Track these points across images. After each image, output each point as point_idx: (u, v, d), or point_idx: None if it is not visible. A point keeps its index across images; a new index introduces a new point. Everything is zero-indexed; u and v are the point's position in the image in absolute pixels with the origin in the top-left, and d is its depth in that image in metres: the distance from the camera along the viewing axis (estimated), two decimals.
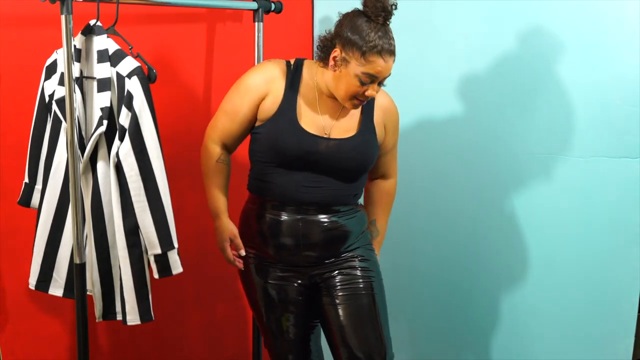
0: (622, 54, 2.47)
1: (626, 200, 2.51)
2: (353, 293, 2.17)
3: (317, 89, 2.15)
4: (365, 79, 2.02)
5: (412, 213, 2.91)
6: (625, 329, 2.57)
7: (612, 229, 2.55)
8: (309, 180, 2.13)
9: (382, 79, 2.05)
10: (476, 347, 2.85)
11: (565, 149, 2.58)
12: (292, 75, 2.14)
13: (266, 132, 2.13)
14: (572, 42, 2.54)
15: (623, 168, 2.50)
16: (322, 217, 2.15)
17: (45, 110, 2.25)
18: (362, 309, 2.16)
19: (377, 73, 2.01)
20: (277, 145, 2.11)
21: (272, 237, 2.18)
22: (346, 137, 2.14)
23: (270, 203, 2.18)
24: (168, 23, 2.60)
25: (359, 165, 2.16)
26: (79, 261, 2.17)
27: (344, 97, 2.08)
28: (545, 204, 2.64)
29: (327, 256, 2.19)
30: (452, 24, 2.72)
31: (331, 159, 2.11)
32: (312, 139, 2.10)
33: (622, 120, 2.49)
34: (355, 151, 2.13)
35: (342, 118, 2.16)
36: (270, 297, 2.23)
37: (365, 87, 2.04)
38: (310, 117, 2.13)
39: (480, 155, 2.73)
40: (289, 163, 2.12)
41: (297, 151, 2.10)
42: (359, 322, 2.16)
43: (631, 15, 2.45)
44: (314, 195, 2.13)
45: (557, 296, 2.66)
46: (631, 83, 2.46)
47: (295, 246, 2.16)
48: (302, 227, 2.15)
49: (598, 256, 2.58)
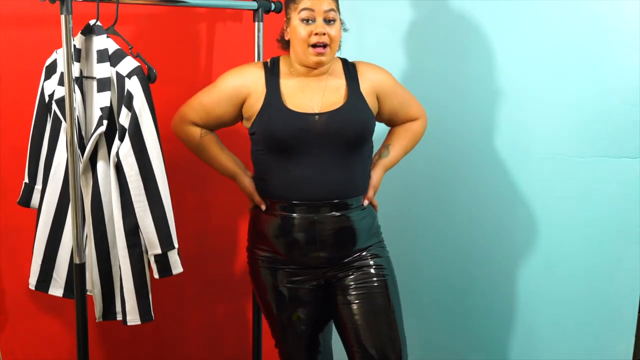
0: (622, 54, 2.47)
1: (626, 200, 2.51)
2: (368, 292, 2.16)
3: (296, 75, 2.18)
4: (305, 17, 2.09)
5: (412, 213, 2.91)
6: (625, 329, 2.57)
7: (612, 229, 2.55)
8: (313, 168, 2.11)
9: (324, 15, 2.09)
10: (476, 347, 2.85)
11: (565, 149, 2.58)
12: (270, 71, 2.19)
13: (258, 126, 2.15)
14: (572, 42, 2.54)
15: (623, 168, 2.50)
16: (333, 214, 2.14)
17: (45, 110, 2.25)
18: (376, 308, 2.16)
19: (311, 6, 2.08)
20: (272, 133, 2.12)
21: (283, 238, 2.17)
22: (333, 110, 2.14)
23: (278, 204, 2.17)
24: (168, 23, 2.60)
25: (357, 133, 2.13)
26: (78, 261, 2.17)
27: (302, 53, 2.12)
28: (545, 204, 2.64)
29: (338, 257, 2.18)
30: (452, 23, 2.72)
31: (326, 133, 2.10)
32: (303, 117, 2.11)
33: (622, 120, 2.49)
34: (347, 119, 2.12)
35: (328, 94, 2.17)
36: (282, 297, 2.21)
37: (311, 27, 2.08)
38: (296, 100, 2.15)
39: (480, 155, 2.73)
40: (288, 148, 2.11)
41: (291, 132, 2.10)
42: (373, 321, 2.15)
43: (631, 15, 2.45)
44: (322, 188, 2.12)
45: (557, 296, 2.66)
46: (631, 83, 2.46)
47: (307, 246, 2.15)
48: (312, 227, 2.14)
49: (598, 256, 2.58)
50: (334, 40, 2.11)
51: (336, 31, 2.11)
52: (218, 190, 2.81)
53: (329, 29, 2.09)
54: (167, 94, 2.49)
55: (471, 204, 2.78)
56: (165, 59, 2.55)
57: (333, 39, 2.10)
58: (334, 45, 2.12)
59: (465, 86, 2.73)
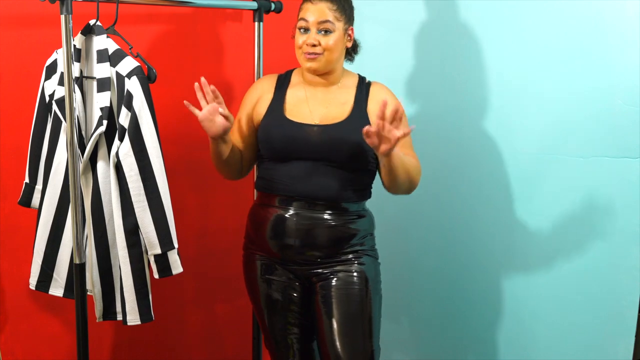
0: (622, 54, 2.47)
1: (626, 200, 2.51)
2: (346, 300, 2.16)
3: (306, 84, 2.24)
4: (300, 25, 2.16)
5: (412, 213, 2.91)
6: (625, 329, 2.57)
7: (612, 229, 2.55)
8: (309, 171, 2.14)
9: (319, 26, 2.13)
10: (476, 347, 2.85)
11: (566, 149, 2.57)
12: (281, 80, 2.27)
13: (260, 130, 2.22)
14: (572, 42, 2.53)
15: (623, 168, 2.50)
16: (328, 215, 2.16)
17: (46, 110, 2.25)
18: (352, 317, 2.16)
19: (306, 16, 2.14)
20: (268, 138, 2.18)
21: (277, 233, 2.19)
22: (332, 123, 2.16)
23: (277, 198, 2.19)
24: (168, 23, 2.60)
25: (349, 150, 2.14)
26: (78, 261, 2.17)
27: (298, 59, 2.20)
28: (545, 204, 2.64)
29: (329, 255, 2.19)
30: (451, 23, 2.72)
31: (320, 145, 2.13)
32: (297, 126, 2.16)
33: (622, 120, 2.48)
34: (341, 135, 2.14)
35: (332, 107, 2.20)
36: (272, 296, 2.24)
37: (305, 36, 2.15)
38: (298, 110, 2.20)
39: (480, 155, 2.72)
40: (283, 154, 2.17)
41: (283, 140, 2.15)
42: (348, 330, 2.15)
43: (631, 15, 2.44)
44: (315, 187, 2.14)
45: (557, 296, 2.66)
46: (631, 83, 2.45)
47: (300, 244, 2.17)
48: (307, 224, 2.15)
49: (598, 256, 2.58)
50: (327, 49, 2.15)
51: (333, 41, 2.15)
52: (218, 190, 2.81)
53: (324, 39, 2.14)
54: (167, 94, 2.50)
55: (470, 203, 2.78)
56: (165, 59, 2.55)
57: (326, 48, 2.14)
58: (327, 53, 2.15)
59: (464, 86, 2.73)
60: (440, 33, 2.75)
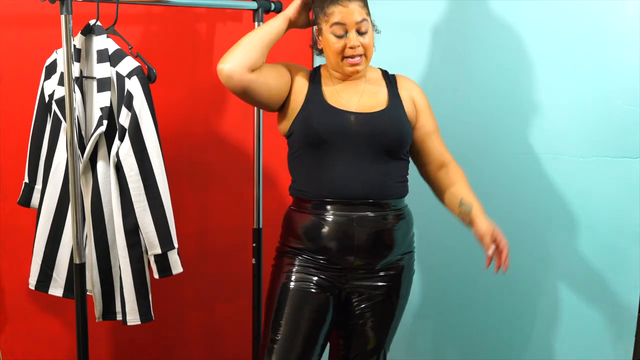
0: (622, 54, 2.47)
1: (626, 200, 2.51)
2: (377, 306, 2.18)
3: (334, 80, 2.17)
4: (337, 32, 2.07)
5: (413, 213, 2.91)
6: (625, 329, 2.57)
7: (612, 229, 2.55)
8: (347, 168, 2.08)
9: (357, 27, 2.07)
10: (476, 346, 2.85)
11: (565, 149, 2.58)
12: (312, 75, 2.19)
13: (299, 123, 2.11)
14: (572, 42, 2.53)
15: (623, 168, 2.50)
16: (370, 214, 2.10)
17: (45, 110, 2.25)
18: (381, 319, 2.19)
19: (342, 20, 2.06)
20: (312, 127, 2.09)
21: (315, 238, 2.11)
22: (374, 111, 2.13)
23: (313, 202, 2.12)
24: (168, 23, 2.60)
25: (394, 138, 2.12)
26: (78, 261, 2.17)
27: (336, 63, 2.12)
28: (545, 204, 2.64)
29: (371, 262, 2.13)
30: (451, 24, 2.72)
31: (364, 133, 2.09)
32: (342, 113, 2.10)
33: (622, 120, 2.49)
34: (386, 123, 2.11)
35: (366, 97, 2.16)
36: (298, 303, 2.12)
37: (344, 41, 2.08)
38: (336, 99, 2.14)
39: (480, 155, 2.72)
40: (326, 144, 2.08)
41: (330, 127, 2.08)
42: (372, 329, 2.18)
43: (631, 15, 2.44)
44: (357, 187, 2.09)
45: (557, 296, 2.66)
46: (631, 83, 2.46)
47: (340, 248, 2.09)
48: (348, 226, 2.09)
49: (598, 256, 2.58)
50: (368, 48, 2.10)
51: (370, 39, 2.11)
52: (218, 190, 2.81)
53: (362, 38, 2.09)
54: (167, 94, 2.50)
55: None
56: (165, 59, 2.55)
57: (367, 47, 2.10)
58: (368, 53, 2.12)
59: (465, 87, 2.73)
60: (440, 34, 2.75)
